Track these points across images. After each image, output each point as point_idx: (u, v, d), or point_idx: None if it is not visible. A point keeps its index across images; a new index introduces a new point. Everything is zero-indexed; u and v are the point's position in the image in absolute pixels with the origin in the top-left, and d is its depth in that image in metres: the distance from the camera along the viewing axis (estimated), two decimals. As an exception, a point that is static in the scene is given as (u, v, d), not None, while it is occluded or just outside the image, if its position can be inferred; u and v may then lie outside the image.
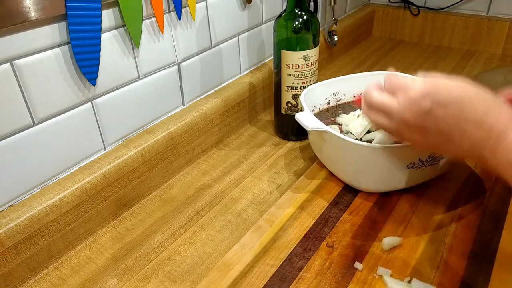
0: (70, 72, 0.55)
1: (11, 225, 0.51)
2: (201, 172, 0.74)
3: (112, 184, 0.61)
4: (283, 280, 0.52)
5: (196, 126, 0.73)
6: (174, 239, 0.60)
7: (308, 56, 0.71)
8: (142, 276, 0.55)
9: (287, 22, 0.71)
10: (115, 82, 0.61)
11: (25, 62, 0.50)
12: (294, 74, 0.73)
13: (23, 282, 0.54)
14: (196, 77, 0.75)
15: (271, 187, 0.69)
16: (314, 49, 0.72)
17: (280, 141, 0.81)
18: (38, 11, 0.49)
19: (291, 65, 0.72)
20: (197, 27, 0.72)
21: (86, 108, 0.59)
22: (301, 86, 0.74)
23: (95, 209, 0.60)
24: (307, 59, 0.72)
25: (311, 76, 0.74)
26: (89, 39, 0.55)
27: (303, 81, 0.73)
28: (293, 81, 0.73)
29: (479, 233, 0.57)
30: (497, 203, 0.62)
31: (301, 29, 0.71)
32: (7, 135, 0.51)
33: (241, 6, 0.80)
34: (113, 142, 0.64)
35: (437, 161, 0.60)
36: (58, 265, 0.57)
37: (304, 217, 0.61)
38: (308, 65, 0.72)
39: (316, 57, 0.73)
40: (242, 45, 0.83)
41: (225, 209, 0.65)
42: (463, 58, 1.11)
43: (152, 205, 0.67)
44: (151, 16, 0.63)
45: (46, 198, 0.54)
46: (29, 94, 0.51)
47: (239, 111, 0.83)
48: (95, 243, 0.60)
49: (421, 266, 0.53)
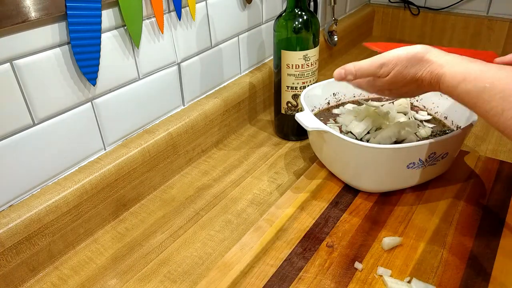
0: (70, 72, 0.55)
1: (11, 225, 0.51)
2: (201, 172, 0.74)
3: (112, 184, 0.61)
4: (283, 280, 0.52)
5: (196, 126, 0.73)
6: (174, 239, 0.60)
7: (308, 56, 0.71)
8: (142, 276, 0.55)
9: (287, 22, 0.71)
10: (115, 82, 0.61)
11: (25, 62, 0.50)
12: (294, 74, 0.73)
13: (23, 282, 0.54)
14: (196, 77, 0.75)
15: (271, 187, 0.69)
16: (314, 49, 0.72)
17: (280, 141, 0.81)
18: (38, 11, 0.49)
19: (291, 65, 0.72)
20: (197, 27, 0.72)
21: (86, 108, 0.59)
22: (301, 86, 0.74)
23: (95, 209, 0.60)
24: (307, 59, 0.72)
25: (311, 76, 0.74)
26: (89, 39, 0.55)
27: (303, 81, 0.73)
28: (293, 81, 0.73)
29: (479, 233, 0.57)
30: (497, 203, 0.62)
31: (301, 29, 0.71)
32: (7, 135, 0.51)
33: (241, 6, 0.80)
34: (113, 142, 0.64)
35: (437, 161, 0.60)
36: (58, 265, 0.57)
37: (304, 217, 0.61)
38: (308, 65, 0.72)
39: (316, 57, 0.73)
40: (242, 45, 0.83)
41: (225, 209, 0.65)
42: (463, 58, 1.11)
43: (152, 205, 0.67)
44: (151, 16, 0.63)
45: (46, 198, 0.54)
46: (29, 94, 0.51)
47: (239, 111, 0.83)
48: (95, 243, 0.60)
49: (421, 266, 0.53)
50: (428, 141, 0.57)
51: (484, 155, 0.72)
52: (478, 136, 0.78)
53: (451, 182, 0.67)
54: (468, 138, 0.77)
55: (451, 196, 0.64)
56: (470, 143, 0.76)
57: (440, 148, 0.59)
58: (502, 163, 0.70)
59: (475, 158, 0.72)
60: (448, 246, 0.55)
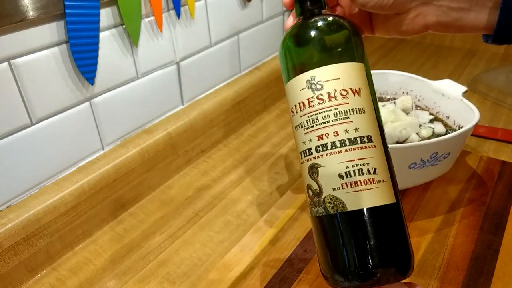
0: (68, 71, 0.54)
1: (9, 225, 0.50)
2: (200, 172, 0.73)
3: (110, 184, 0.61)
4: (283, 282, 0.51)
5: (195, 126, 0.73)
6: (173, 240, 0.60)
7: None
8: (141, 277, 0.54)
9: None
10: (113, 81, 0.61)
11: (23, 61, 0.50)
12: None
13: (21, 284, 0.53)
14: (196, 76, 0.75)
15: (271, 187, 0.69)
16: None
17: (280, 141, 0.81)
18: (37, 10, 0.48)
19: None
20: (196, 25, 0.71)
21: (84, 108, 0.58)
22: (318, 148, 0.40)
23: (93, 210, 0.60)
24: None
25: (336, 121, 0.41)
26: (87, 38, 0.54)
27: (318, 134, 0.41)
28: (301, 136, 0.40)
29: (481, 234, 0.57)
30: (499, 203, 0.62)
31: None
32: (5, 135, 0.50)
33: (241, 4, 0.79)
34: (112, 142, 0.64)
35: (439, 161, 0.60)
36: (56, 266, 0.56)
37: (304, 217, 0.61)
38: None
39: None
40: (242, 44, 0.83)
41: (224, 209, 0.65)
42: (465, 57, 1.10)
43: (151, 206, 0.66)
44: (150, 15, 0.62)
45: (44, 199, 0.54)
46: (27, 94, 0.51)
47: (239, 110, 0.83)
48: (94, 244, 0.60)
49: (423, 267, 0.52)
50: (430, 141, 0.56)
51: (486, 155, 0.72)
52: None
53: (453, 182, 0.66)
54: (470, 138, 0.77)
55: (453, 197, 0.63)
56: (472, 143, 0.76)
57: (442, 148, 0.58)
58: (504, 164, 0.70)
59: (477, 158, 0.71)
60: (450, 246, 0.55)
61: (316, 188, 0.35)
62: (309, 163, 0.36)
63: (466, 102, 0.65)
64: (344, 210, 0.34)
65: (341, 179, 0.34)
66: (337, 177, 0.34)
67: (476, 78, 0.97)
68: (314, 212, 0.36)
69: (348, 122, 0.34)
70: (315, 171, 0.35)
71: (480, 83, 0.94)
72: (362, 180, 0.34)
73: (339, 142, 0.34)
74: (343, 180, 0.34)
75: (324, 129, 0.35)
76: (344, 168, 0.34)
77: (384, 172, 0.35)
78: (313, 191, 0.35)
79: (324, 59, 0.36)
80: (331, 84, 0.35)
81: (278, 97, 0.94)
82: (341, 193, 0.34)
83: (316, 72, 0.36)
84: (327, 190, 0.34)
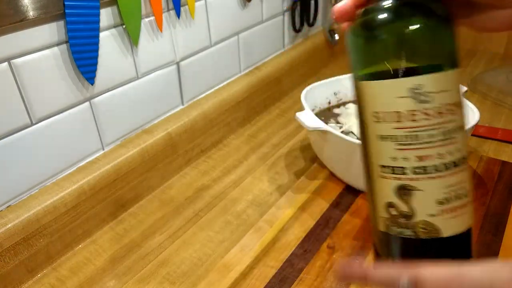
0: (68, 71, 0.54)
1: (9, 225, 0.50)
2: (200, 172, 0.73)
3: (110, 184, 0.61)
4: (283, 282, 0.51)
5: (195, 126, 0.73)
6: (173, 240, 0.60)
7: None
8: (141, 278, 0.54)
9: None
10: (113, 81, 0.61)
11: (23, 61, 0.50)
12: (390, 135, 0.36)
13: (21, 284, 0.53)
14: (196, 76, 0.75)
15: (271, 187, 0.69)
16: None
17: (280, 141, 0.81)
18: (36, 10, 0.48)
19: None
20: (196, 25, 0.71)
21: (84, 108, 0.58)
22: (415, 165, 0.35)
23: (93, 210, 0.60)
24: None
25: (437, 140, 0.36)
26: (87, 38, 0.54)
27: (417, 154, 0.36)
28: (392, 152, 0.35)
29: (481, 234, 0.57)
30: (499, 204, 0.61)
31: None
32: (5, 135, 0.50)
33: (241, 4, 0.79)
34: (112, 142, 0.64)
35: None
36: (56, 266, 0.56)
37: (304, 218, 0.61)
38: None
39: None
40: (242, 44, 0.83)
41: (224, 210, 0.65)
42: (465, 57, 1.10)
43: (151, 206, 0.66)
44: (150, 15, 0.62)
45: (44, 199, 0.54)
46: (27, 94, 0.51)
47: (239, 110, 0.83)
48: (94, 244, 0.60)
49: (423, 268, 0.52)
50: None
51: (486, 156, 0.72)
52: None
53: (453, 182, 0.66)
54: (470, 138, 0.77)
55: (453, 197, 0.63)
56: (472, 143, 0.76)
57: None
58: (504, 164, 0.70)
59: (477, 159, 0.71)
60: (450, 247, 0.55)
61: (406, 210, 0.30)
62: (399, 182, 0.30)
63: (466, 102, 0.65)
64: (438, 236, 0.30)
65: (439, 205, 0.30)
66: (435, 203, 0.30)
67: (476, 78, 0.96)
68: (397, 232, 0.31)
69: (454, 142, 0.29)
70: (408, 193, 0.30)
71: (480, 83, 0.94)
72: (459, 206, 0.30)
73: (443, 166, 0.29)
74: (442, 207, 0.30)
75: (427, 150, 0.29)
76: (443, 194, 0.30)
77: (470, 192, 0.31)
78: (400, 212, 0.31)
79: (433, 62, 0.29)
80: (441, 97, 0.28)
81: (278, 97, 0.94)
82: (438, 219, 0.30)
83: (424, 81, 0.28)
84: (421, 215, 0.30)
